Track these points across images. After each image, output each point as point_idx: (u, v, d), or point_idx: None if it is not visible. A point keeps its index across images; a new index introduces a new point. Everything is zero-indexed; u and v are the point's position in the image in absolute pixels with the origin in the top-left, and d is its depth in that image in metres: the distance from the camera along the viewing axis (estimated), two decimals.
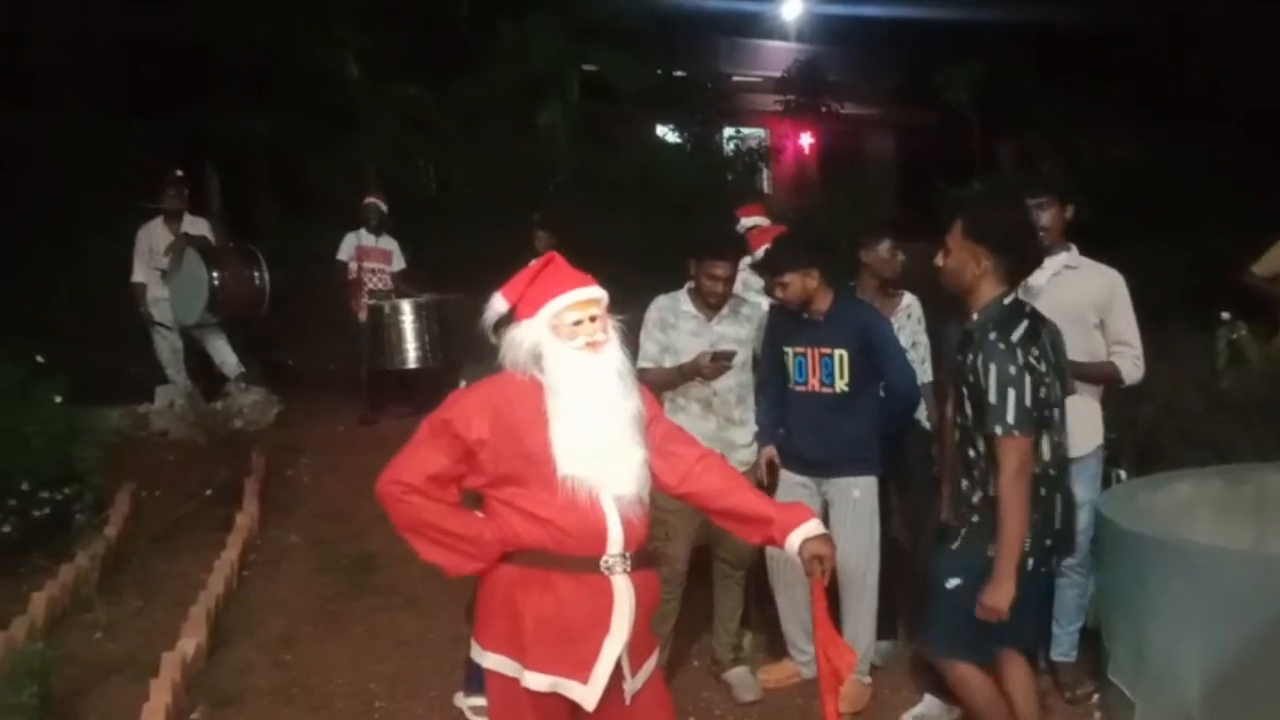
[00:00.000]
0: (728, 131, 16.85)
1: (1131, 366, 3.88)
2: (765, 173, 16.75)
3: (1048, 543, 3.16)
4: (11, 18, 10.76)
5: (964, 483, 3.18)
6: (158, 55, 11.56)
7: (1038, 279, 3.65)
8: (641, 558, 2.60)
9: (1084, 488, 3.82)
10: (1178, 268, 9.76)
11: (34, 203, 9.89)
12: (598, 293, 2.60)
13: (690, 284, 4.26)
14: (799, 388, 4.02)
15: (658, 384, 4.22)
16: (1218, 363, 5.63)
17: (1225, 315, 5.73)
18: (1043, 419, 3.05)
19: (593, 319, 2.56)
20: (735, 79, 17.54)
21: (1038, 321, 3.14)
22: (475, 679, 4.00)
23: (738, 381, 4.16)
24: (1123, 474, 4.32)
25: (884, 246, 4.34)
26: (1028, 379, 2.97)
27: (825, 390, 3.96)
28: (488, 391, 2.60)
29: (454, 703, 4.04)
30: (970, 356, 3.04)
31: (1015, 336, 3.00)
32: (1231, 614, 3.14)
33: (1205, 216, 11.03)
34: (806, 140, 18.81)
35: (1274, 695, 3.09)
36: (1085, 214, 4.41)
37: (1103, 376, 3.88)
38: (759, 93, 18.00)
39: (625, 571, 2.54)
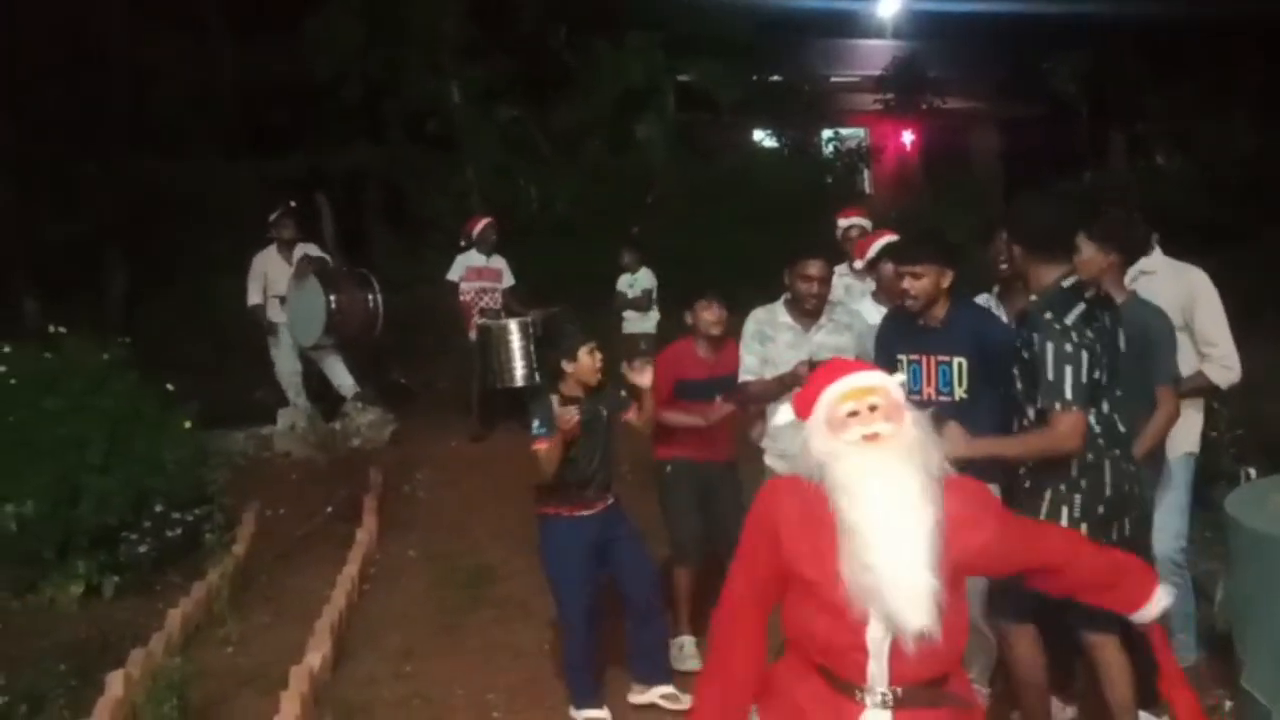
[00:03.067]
0: (826, 133, 16.69)
1: (1221, 371, 3.78)
2: (866, 173, 16.52)
3: (1100, 510, 3.17)
4: (139, 69, 11.40)
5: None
6: (277, 98, 12.08)
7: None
8: (919, 696, 2.21)
9: (1175, 493, 3.72)
10: None
11: (164, 242, 10.43)
12: (876, 380, 2.29)
13: (786, 295, 4.24)
14: (913, 397, 3.89)
15: (759, 396, 4.24)
16: None
17: None
18: (1093, 394, 3.15)
19: (872, 409, 2.22)
20: (833, 80, 17.36)
21: (1098, 305, 3.23)
22: (578, 690, 4.08)
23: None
24: (1252, 472, 4.15)
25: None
26: (1084, 356, 3.08)
27: (943, 398, 3.77)
28: (775, 494, 2.36)
29: (570, 715, 4.10)
30: (1026, 333, 3.19)
31: (1070, 318, 3.13)
32: None
33: None
34: (908, 138, 18.49)
35: None
36: (1200, 206, 4.27)
37: (1193, 390, 3.76)
38: (858, 92, 17.78)
39: (887, 706, 2.20)
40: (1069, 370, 3.07)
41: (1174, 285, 3.81)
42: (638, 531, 4.23)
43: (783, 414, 2.42)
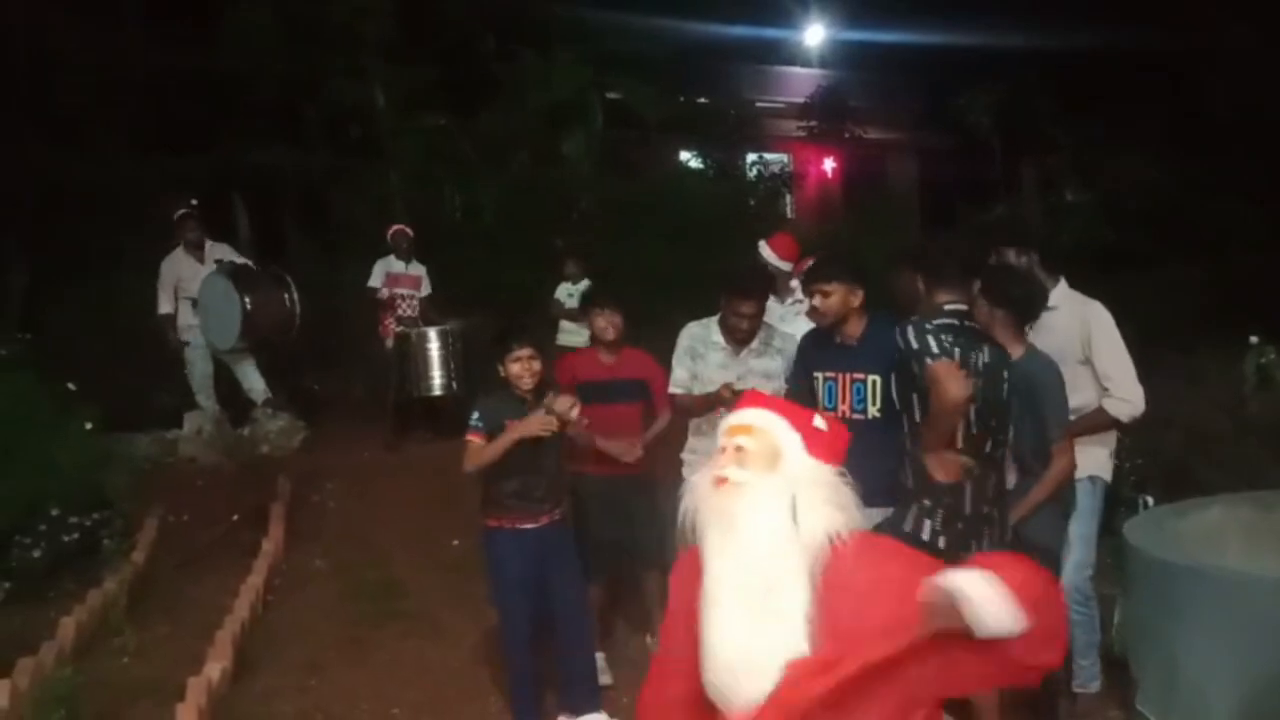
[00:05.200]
0: (750, 157, 16.89)
1: (1120, 404, 3.83)
2: (788, 198, 16.76)
3: (959, 526, 3.39)
4: (44, 57, 11.01)
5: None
6: (189, 92, 11.77)
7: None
8: None
9: (1082, 522, 3.81)
10: (1204, 290, 9.69)
11: (68, 237, 10.07)
12: (756, 419, 1.98)
13: (720, 315, 4.28)
14: (828, 413, 3.94)
15: (686, 410, 4.29)
16: (1246, 386, 5.58)
17: (1254, 339, 5.69)
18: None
19: (739, 449, 1.93)
20: (758, 104, 17.59)
21: (975, 335, 3.50)
22: (520, 708, 4.03)
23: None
24: (1150, 500, 4.29)
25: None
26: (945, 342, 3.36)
27: (856, 417, 3.86)
28: (691, 552, 2.05)
29: None
30: (901, 343, 3.47)
31: (932, 324, 3.43)
32: (1264, 642, 3.09)
33: (1231, 239, 10.96)
34: (829, 165, 18.83)
35: None
36: (1108, 236, 4.41)
37: (1095, 427, 3.84)
38: (782, 118, 18.05)
39: None
40: (933, 343, 3.36)
41: (1074, 319, 3.88)
42: (575, 555, 4.19)
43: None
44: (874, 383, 3.84)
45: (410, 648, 4.91)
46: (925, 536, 3.39)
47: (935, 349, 3.36)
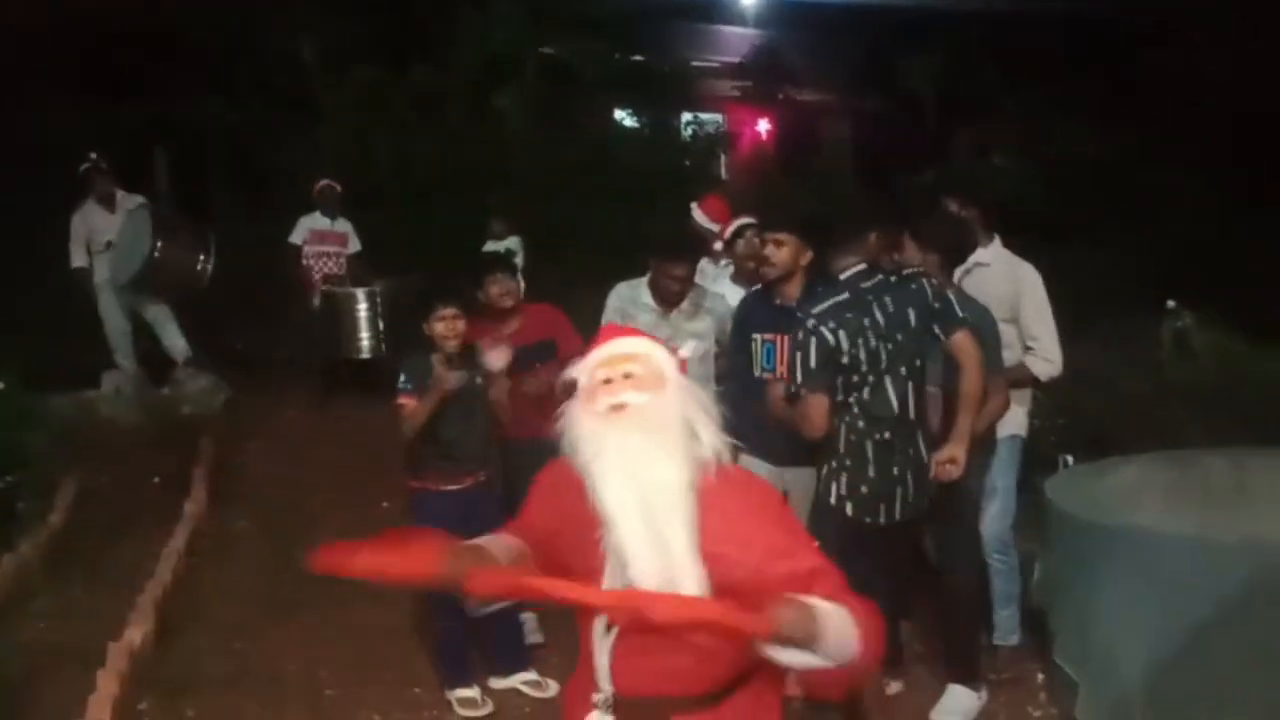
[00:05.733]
0: (686, 117, 16.81)
1: (1043, 364, 3.97)
2: (723, 158, 16.74)
3: (863, 489, 3.46)
4: None
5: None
6: (115, 39, 11.33)
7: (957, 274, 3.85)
8: (642, 709, 1.95)
9: (998, 474, 3.91)
10: (1136, 260, 9.91)
11: None
12: (635, 346, 2.04)
13: (649, 276, 4.25)
14: (766, 374, 3.96)
15: None
16: (1163, 352, 5.74)
17: (1171, 304, 5.84)
18: (849, 383, 3.45)
19: (626, 377, 1.98)
20: (694, 64, 17.50)
21: (884, 288, 3.51)
22: (450, 670, 4.01)
23: (696, 375, 4.13)
24: (1070, 459, 4.39)
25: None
26: (813, 343, 3.42)
27: None
28: (550, 473, 2.13)
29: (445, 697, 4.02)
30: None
31: (818, 309, 3.47)
32: (1176, 599, 3.19)
33: (1164, 210, 11.20)
34: (764, 126, 18.83)
35: (1216, 680, 3.15)
36: (1041, 205, 4.48)
37: (1016, 383, 3.93)
38: (718, 78, 18.00)
39: (608, 709, 1.98)
40: (799, 357, 3.44)
41: (1004, 278, 3.98)
42: (502, 517, 4.13)
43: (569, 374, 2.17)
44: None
45: (338, 609, 4.83)
46: (832, 501, 3.45)
47: (800, 377, 3.45)
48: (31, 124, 10.49)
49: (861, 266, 3.54)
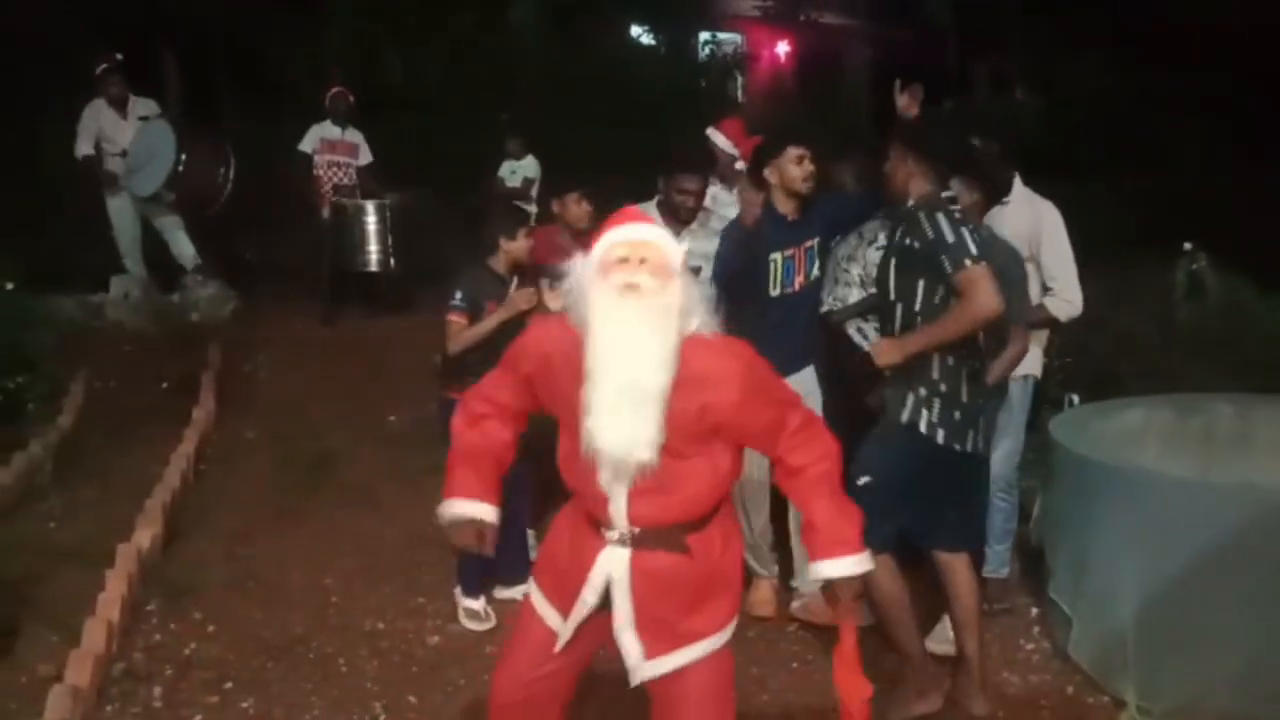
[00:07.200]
0: (703, 36, 16.50)
1: (1063, 305, 3.92)
2: (740, 80, 16.47)
3: (956, 415, 3.26)
4: None
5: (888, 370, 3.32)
6: None
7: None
8: (656, 537, 2.34)
9: (1014, 415, 3.91)
10: (1147, 201, 9.79)
11: None
12: (655, 235, 2.32)
13: (659, 198, 4.21)
14: (788, 290, 3.93)
15: None
16: (1176, 294, 5.70)
17: (1187, 246, 5.79)
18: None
19: (642, 261, 2.25)
20: None
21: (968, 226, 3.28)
22: (467, 580, 4.08)
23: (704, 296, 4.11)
24: (1076, 399, 4.39)
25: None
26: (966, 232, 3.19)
27: (811, 285, 3.95)
28: (545, 330, 2.44)
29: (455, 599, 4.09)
30: (908, 225, 3.26)
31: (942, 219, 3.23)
32: (1170, 539, 3.23)
33: (1177, 150, 11.03)
34: (783, 49, 18.49)
35: (1206, 620, 3.20)
36: (1059, 142, 4.41)
37: (1035, 322, 3.90)
38: None
39: (625, 544, 2.35)
40: (966, 233, 3.17)
41: (1025, 217, 3.92)
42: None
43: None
44: (816, 245, 3.95)
45: (344, 518, 4.92)
46: (923, 429, 3.25)
47: (974, 249, 3.14)
48: (27, 17, 10.28)
49: (953, 194, 3.43)
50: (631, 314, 2.21)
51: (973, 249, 3.14)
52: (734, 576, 2.48)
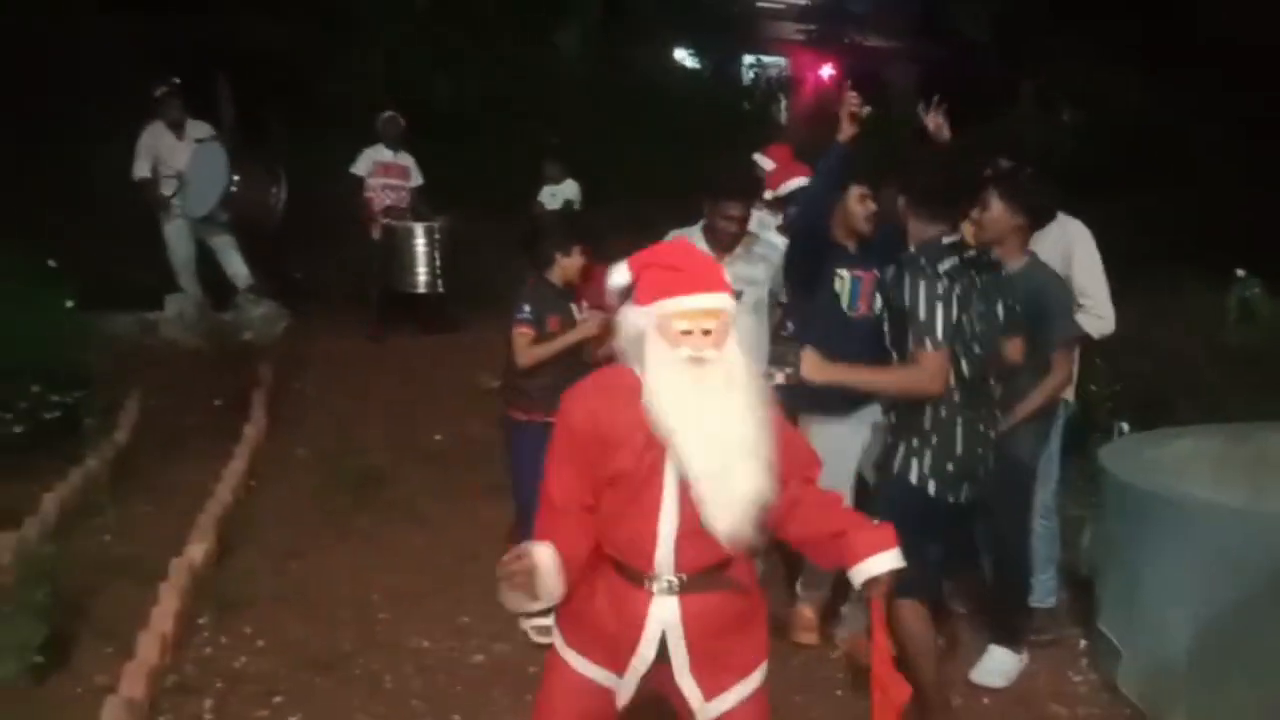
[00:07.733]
0: (748, 59, 16.57)
1: (1095, 321, 3.92)
2: (784, 103, 16.51)
3: (949, 467, 3.20)
4: None
5: (891, 414, 3.33)
6: None
7: None
8: (703, 581, 2.35)
9: (1050, 441, 3.86)
10: (1186, 220, 9.65)
11: (41, 105, 9.77)
12: (719, 302, 2.29)
13: (704, 222, 4.23)
14: (852, 314, 3.91)
15: None
16: (1229, 318, 5.63)
17: (1240, 272, 5.72)
18: (960, 345, 3.19)
19: (706, 333, 2.25)
20: (759, 5, 17.21)
21: (975, 265, 3.30)
22: None
23: (748, 324, 4.11)
24: (1125, 426, 4.35)
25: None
26: (954, 300, 3.14)
27: (870, 314, 3.87)
28: (581, 399, 2.38)
29: (520, 625, 4.04)
30: (897, 278, 3.24)
31: (943, 266, 3.18)
32: (1224, 570, 3.19)
33: (1218, 166, 10.87)
34: (827, 71, 18.50)
35: (1261, 651, 3.15)
36: (1103, 159, 4.37)
37: (1069, 340, 3.85)
38: (781, 20, 17.69)
39: (673, 592, 2.34)
40: (940, 309, 3.12)
41: (1055, 235, 3.90)
42: None
43: (620, 273, 2.39)
44: (878, 279, 3.86)
45: (390, 535, 4.97)
46: (913, 480, 3.20)
47: (939, 332, 3.10)
48: (84, 41, 10.52)
49: (959, 239, 3.35)
50: (705, 385, 2.24)
51: (939, 332, 3.10)
52: (762, 600, 2.54)
